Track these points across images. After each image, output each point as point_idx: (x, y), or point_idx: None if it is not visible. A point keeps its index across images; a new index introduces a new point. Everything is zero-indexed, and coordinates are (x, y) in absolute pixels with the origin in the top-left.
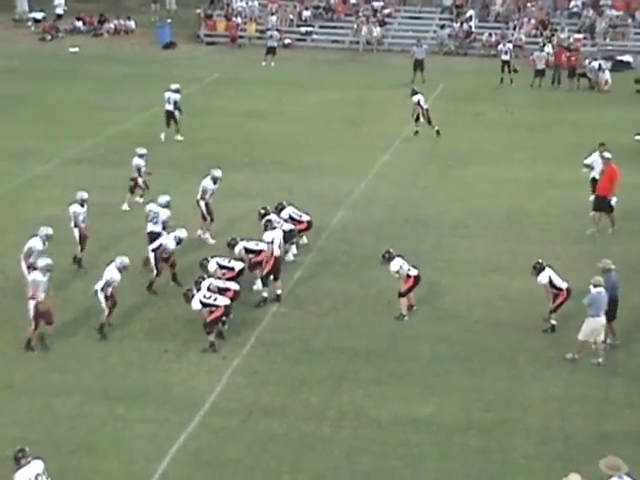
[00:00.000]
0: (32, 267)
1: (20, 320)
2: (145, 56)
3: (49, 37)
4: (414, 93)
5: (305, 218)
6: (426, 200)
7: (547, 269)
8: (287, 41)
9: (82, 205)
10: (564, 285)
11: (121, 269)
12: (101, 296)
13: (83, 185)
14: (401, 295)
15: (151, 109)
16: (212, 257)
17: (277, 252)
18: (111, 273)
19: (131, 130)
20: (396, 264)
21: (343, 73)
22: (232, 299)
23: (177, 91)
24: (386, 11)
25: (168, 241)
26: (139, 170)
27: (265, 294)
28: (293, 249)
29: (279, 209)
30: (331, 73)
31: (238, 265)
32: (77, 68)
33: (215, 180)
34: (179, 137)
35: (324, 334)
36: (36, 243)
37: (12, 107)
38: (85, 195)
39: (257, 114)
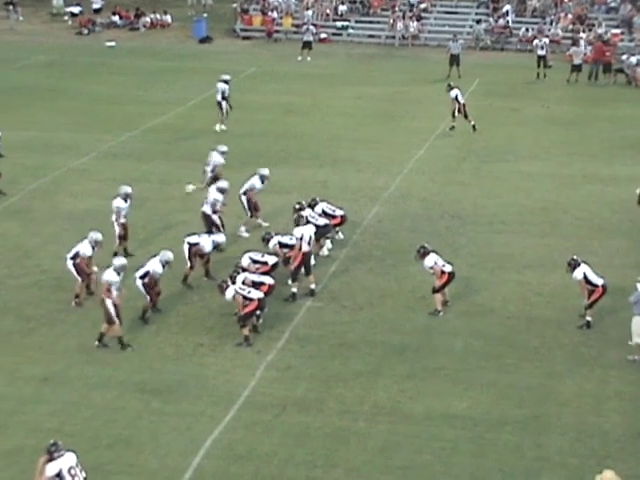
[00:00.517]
0: (76, 267)
1: (57, 314)
2: (181, 50)
3: (86, 31)
4: (451, 88)
5: (339, 213)
6: (462, 195)
7: (582, 265)
8: (323, 35)
9: (125, 200)
10: (600, 281)
11: (164, 264)
12: (139, 283)
13: (119, 179)
14: (435, 291)
15: (187, 103)
16: (245, 252)
17: (305, 248)
18: (153, 265)
19: (167, 124)
20: (431, 260)
21: (379, 68)
22: (266, 293)
23: (225, 82)
24: (422, 6)
25: (205, 243)
26: (214, 167)
27: (294, 289)
28: (328, 244)
29: (312, 205)
30: (367, 68)
31: (272, 259)
32: (114, 62)
33: (263, 179)
34: (218, 127)
35: (358, 329)
36: (85, 249)
37: (49, 101)
38: (129, 190)
39: (293, 109)
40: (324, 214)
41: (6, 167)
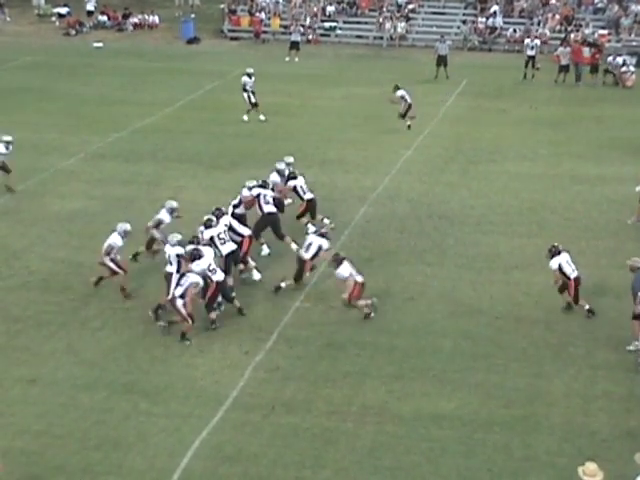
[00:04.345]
0: (114, 261)
1: (44, 315)
2: (169, 51)
3: (73, 32)
4: (397, 88)
5: (307, 196)
6: (449, 196)
7: (562, 254)
8: (311, 36)
9: (171, 214)
10: (573, 275)
11: (123, 235)
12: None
13: (107, 180)
14: (349, 300)
15: (175, 104)
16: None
17: (220, 277)
18: (114, 238)
19: (155, 125)
20: (346, 269)
21: (367, 68)
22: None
23: (248, 75)
24: (410, 6)
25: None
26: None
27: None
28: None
29: (217, 215)
30: (355, 68)
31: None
32: (101, 63)
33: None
34: (246, 117)
35: (347, 329)
36: (116, 239)
37: (36, 102)
38: (174, 204)
39: (281, 109)
40: (230, 229)
41: None
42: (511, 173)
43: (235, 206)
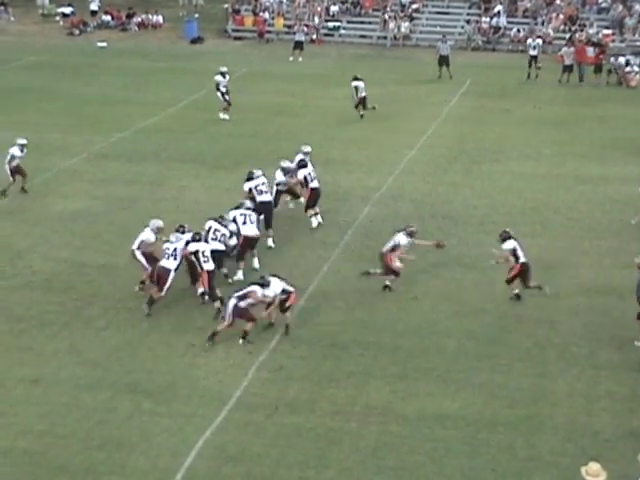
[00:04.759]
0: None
1: (47, 315)
2: (173, 51)
3: (77, 32)
4: (355, 79)
5: (313, 185)
6: (453, 196)
7: (512, 240)
8: (314, 36)
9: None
10: (522, 259)
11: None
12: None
13: (110, 180)
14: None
15: (178, 104)
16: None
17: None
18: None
19: (158, 125)
20: (278, 286)
21: (371, 68)
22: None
23: (222, 74)
24: (414, 6)
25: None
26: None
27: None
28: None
29: (301, 165)
30: (359, 68)
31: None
32: (105, 63)
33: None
34: (221, 115)
35: (350, 329)
36: (148, 235)
37: (40, 101)
38: (160, 223)
39: (284, 109)
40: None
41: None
42: (514, 173)
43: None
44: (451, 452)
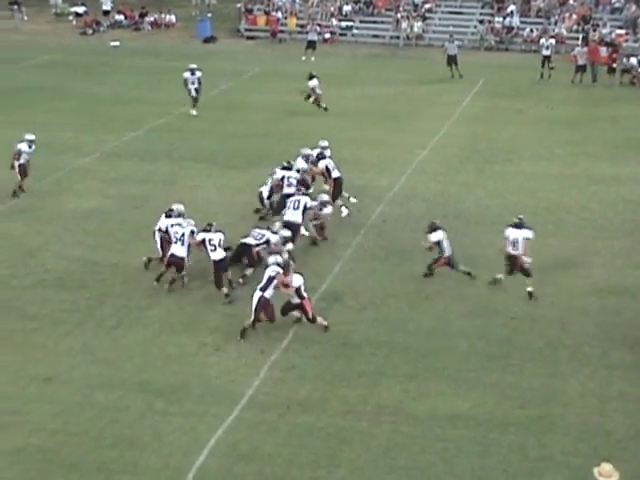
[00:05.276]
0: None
1: (60, 313)
2: (185, 50)
3: (90, 31)
4: (311, 77)
5: (335, 174)
6: (465, 196)
7: (440, 231)
8: (327, 35)
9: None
10: (447, 253)
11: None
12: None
13: (123, 179)
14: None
15: (189, 103)
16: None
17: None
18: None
19: (171, 124)
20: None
21: (383, 68)
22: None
23: (190, 71)
24: (427, 6)
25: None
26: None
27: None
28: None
29: (320, 157)
30: (371, 68)
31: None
32: (117, 62)
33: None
34: (193, 111)
35: (362, 329)
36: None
37: (52, 100)
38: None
39: (296, 109)
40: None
41: (8, 167)
42: (527, 173)
43: (269, 197)
44: (462, 452)
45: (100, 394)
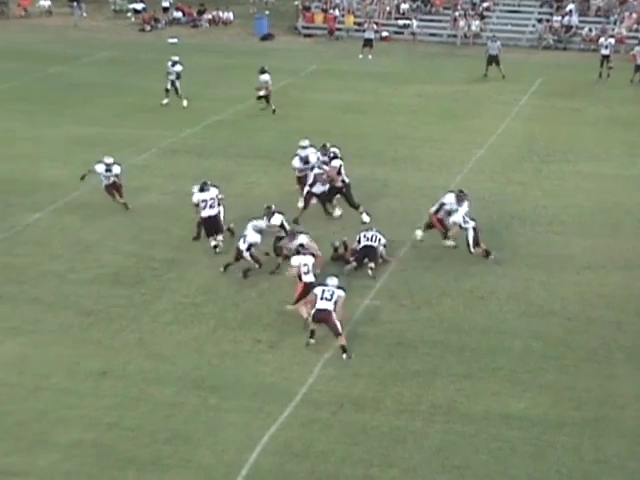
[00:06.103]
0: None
1: (115, 308)
2: (243, 47)
3: (148, 28)
4: (262, 72)
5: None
6: (521, 196)
7: (278, 215)
8: (384, 34)
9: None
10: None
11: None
12: (247, 255)
13: (180, 175)
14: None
15: (247, 100)
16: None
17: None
18: (253, 237)
19: (227, 121)
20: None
21: (440, 67)
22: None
23: (172, 63)
24: (485, 4)
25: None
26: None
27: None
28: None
29: (333, 157)
30: (428, 66)
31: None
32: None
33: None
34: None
35: (416, 328)
36: (255, 237)
37: (110, 97)
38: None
39: (353, 106)
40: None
41: (68, 162)
42: (584, 173)
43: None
44: (516, 452)
45: (155, 389)
